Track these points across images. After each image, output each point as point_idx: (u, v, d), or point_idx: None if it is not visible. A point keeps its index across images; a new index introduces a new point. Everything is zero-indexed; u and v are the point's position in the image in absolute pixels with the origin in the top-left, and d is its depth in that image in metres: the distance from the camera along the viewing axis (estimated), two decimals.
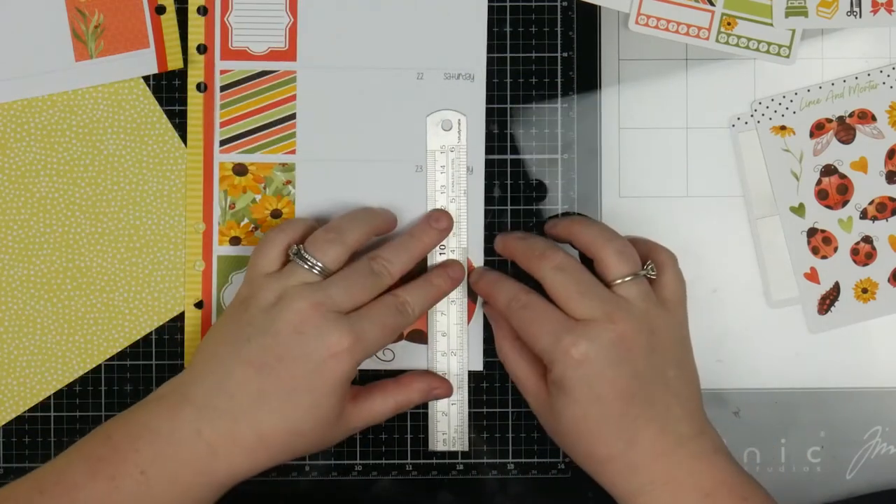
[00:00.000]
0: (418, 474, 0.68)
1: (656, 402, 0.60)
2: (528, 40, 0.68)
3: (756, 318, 0.69)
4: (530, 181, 0.68)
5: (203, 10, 0.67)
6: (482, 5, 0.68)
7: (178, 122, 0.68)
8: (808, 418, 0.69)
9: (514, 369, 0.65)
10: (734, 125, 0.69)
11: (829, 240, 0.69)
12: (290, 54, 0.68)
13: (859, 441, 0.69)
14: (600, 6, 0.68)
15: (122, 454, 0.58)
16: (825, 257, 0.69)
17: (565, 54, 0.68)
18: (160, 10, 0.67)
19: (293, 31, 0.68)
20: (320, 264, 0.61)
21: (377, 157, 0.68)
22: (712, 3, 0.68)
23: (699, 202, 0.69)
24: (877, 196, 0.69)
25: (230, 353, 0.60)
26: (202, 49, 0.68)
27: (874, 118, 0.68)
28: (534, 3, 0.68)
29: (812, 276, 0.69)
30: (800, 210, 0.69)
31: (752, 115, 0.69)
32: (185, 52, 0.67)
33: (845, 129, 0.68)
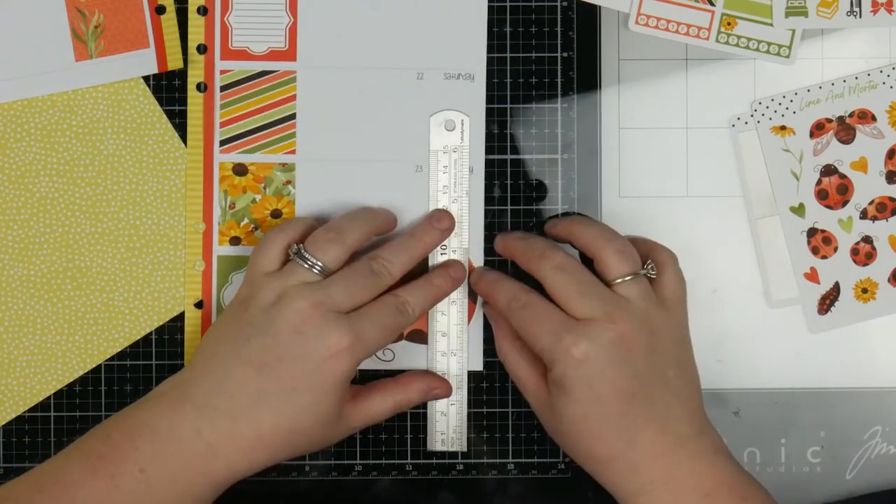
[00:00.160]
0: (418, 474, 0.68)
1: (656, 402, 0.60)
2: (528, 40, 0.68)
3: (756, 318, 0.69)
4: (530, 181, 0.68)
5: (203, 10, 0.67)
6: (482, 5, 0.68)
7: (178, 122, 0.68)
8: (808, 418, 0.69)
9: (515, 369, 0.65)
10: (734, 125, 0.69)
11: (829, 240, 0.69)
12: (290, 54, 0.68)
13: (859, 441, 0.69)
14: (600, 6, 0.68)
15: (122, 452, 0.58)
16: (825, 257, 0.69)
17: (565, 54, 0.68)
18: (160, 10, 0.67)
19: (293, 31, 0.68)
20: (320, 264, 0.61)
21: (377, 157, 0.68)
22: (712, 3, 0.68)
23: (699, 202, 0.69)
24: (877, 196, 0.69)
25: (230, 353, 0.60)
26: (202, 49, 0.67)
27: (874, 118, 0.68)
28: (534, 3, 0.68)
29: (812, 276, 0.69)
30: (800, 210, 0.69)
31: (752, 115, 0.69)
32: (185, 52, 0.67)
33: (845, 129, 0.68)
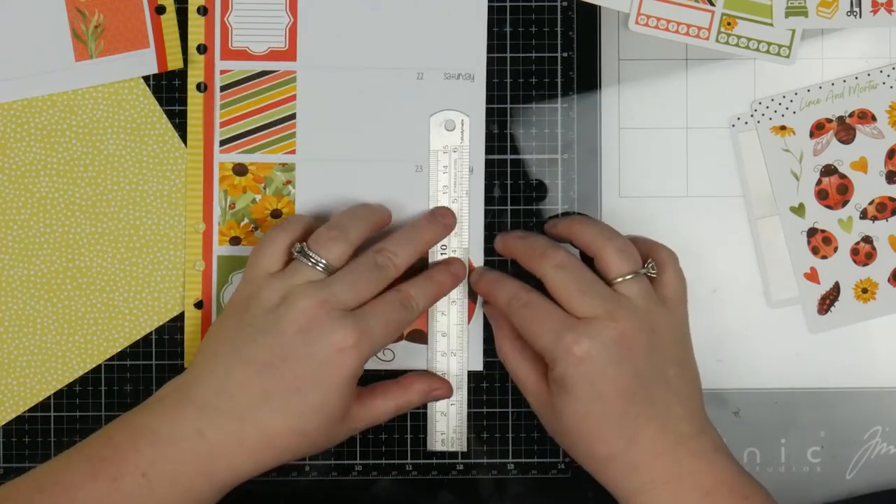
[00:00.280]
0: (418, 474, 0.68)
1: (657, 401, 0.60)
2: (528, 40, 0.68)
3: (756, 318, 0.69)
4: (530, 181, 0.68)
5: (203, 10, 0.67)
6: (482, 5, 0.68)
7: (178, 122, 0.68)
8: (808, 418, 0.69)
9: (515, 369, 0.65)
10: (734, 125, 0.69)
11: (829, 240, 0.69)
12: (290, 54, 0.68)
13: (859, 441, 0.69)
14: (600, 6, 0.68)
15: (123, 455, 0.58)
16: (825, 257, 0.69)
17: (565, 54, 0.68)
18: (160, 10, 0.67)
19: (293, 31, 0.68)
20: (324, 262, 0.61)
21: (377, 157, 0.68)
22: (712, 3, 0.68)
23: (699, 202, 0.69)
24: (877, 196, 0.69)
25: (232, 353, 0.60)
26: (202, 49, 0.67)
27: (874, 118, 0.68)
28: (534, 3, 0.68)
29: (812, 276, 0.69)
30: (800, 210, 0.69)
31: (752, 115, 0.69)
32: (185, 52, 0.67)
33: (845, 129, 0.68)
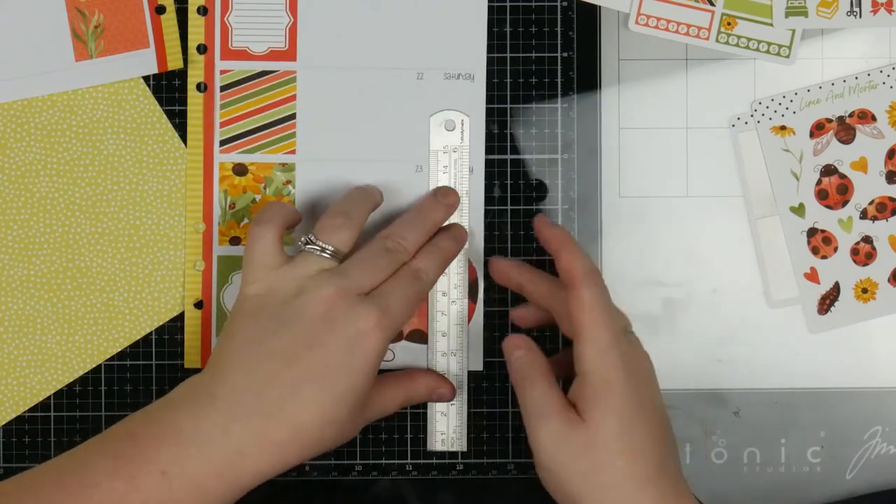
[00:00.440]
0: (418, 474, 0.68)
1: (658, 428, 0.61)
2: (528, 40, 0.68)
3: (756, 318, 0.69)
4: (530, 181, 0.68)
5: (203, 10, 0.67)
6: (482, 5, 0.68)
7: (178, 122, 0.68)
8: (808, 418, 0.69)
9: (540, 395, 0.63)
10: (734, 125, 0.69)
11: (829, 240, 0.69)
12: (290, 54, 0.68)
13: (859, 441, 0.69)
14: (600, 6, 0.68)
15: (146, 454, 0.57)
16: (825, 257, 0.69)
17: (565, 54, 0.68)
18: (160, 10, 0.67)
19: (293, 31, 0.68)
20: (332, 248, 0.61)
21: (377, 157, 0.68)
22: (712, 3, 0.68)
23: (699, 202, 0.69)
24: (877, 196, 0.69)
25: (255, 349, 0.59)
26: (202, 49, 0.67)
27: (874, 118, 0.68)
28: (534, 3, 0.68)
29: (812, 276, 0.69)
30: (800, 210, 0.69)
31: (752, 115, 0.69)
32: (185, 52, 0.67)
33: (845, 129, 0.68)
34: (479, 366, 0.68)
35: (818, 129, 0.68)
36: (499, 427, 0.68)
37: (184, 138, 0.68)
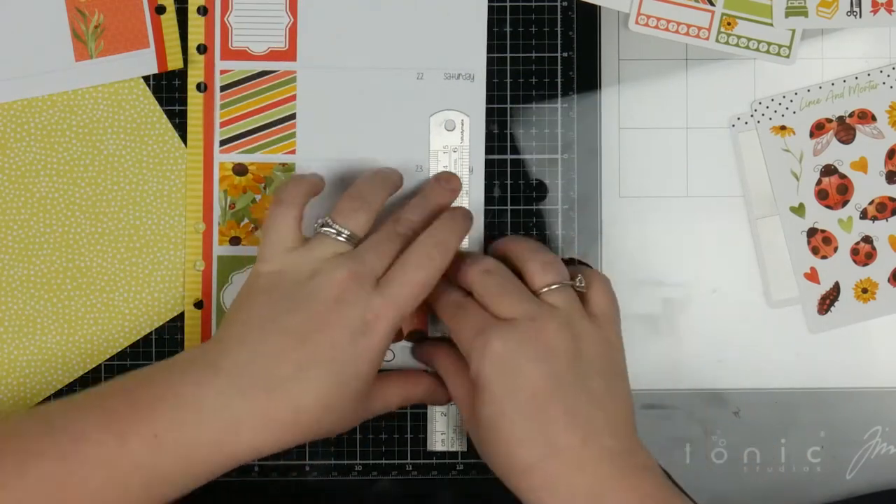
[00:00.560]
0: (418, 474, 0.68)
1: (579, 412, 0.59)
2: (528, 40, 0.68)
3: (756, 318, 0.69)
4: (530, 181, 0.68)
5: (203, 10, 0.67)
6: (482, 5, 0.68)
7: (178, 122, 0.68)
8: (808, 418, 0.69)
9: (450, 387, 0.64)
10: (734, 125, 0.69)
11: (829, 240, 0.69)
12: (290, 54, 0.68)
13: (859, 441, 0.69)
14: (600, 6, 0.68)
15: (140, 413, 0.56)
16: (825, 257, 0.69)
17: (565, 54, 0.68)
18: (160, 10, 0.67)
19: (293, 31, 0.68)
20: (348, 232, 0.61)
21: (377, 157, 0.68)
22: (712, 3, 0.68)
23: (699, 202, 0.69)
24: (877, 196, 0.69)
25: (266, 325, 0.59)
26: (202, 49, 0.68)
27: (874, 118, 0.68)
28: (534, 3, 0.68)
29: (812, 276, 0.69)
30: (800, 210, 0.69)
31: (752, 115, 0.69)
32: (185, 52, 0.67)
33: (845, 129, 0.68)
34: None
35: (818, 129, 0.68)
36: None
37: (184, 138, 0.68)
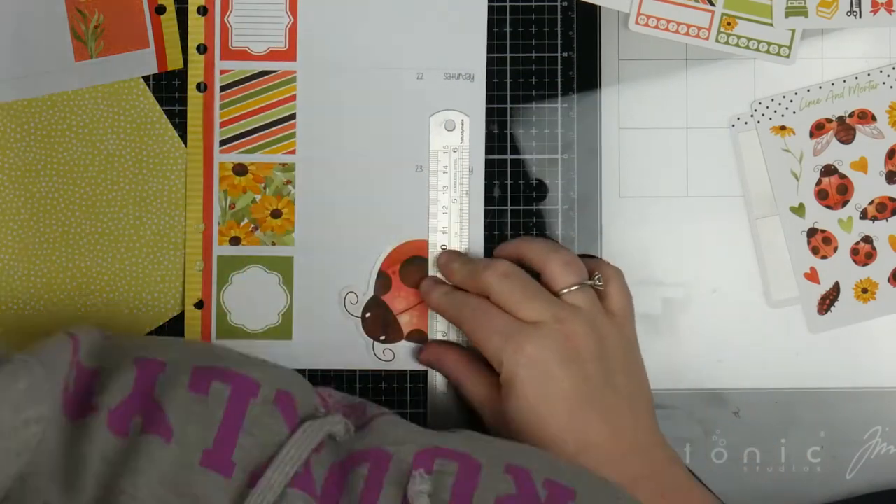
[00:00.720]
0: None
1: (608, 408, 0.60)
2: (528, 40, 0.68)
3: (756, 318, 0.69)
4: (530, 181, 0.68)
5: (203, 10, 0.67)
6: (482, 5, 0.68)
7: (178, 122, 0.68)
8: (808, 418, 0.69)
9: (470, 388, 0.64)
10: (734, 125, 0.69)
11: (829, 240, 0.69)
12: (290, 54, 0.68)
13: (859, 441, 0.69)
14: (600, 6, 0.68)
15: None
16: (825, 257, 0.69)
17: (565, 54, 0.68)
18: (160, 10, 0.67)
19: (293, 31, 0.68)
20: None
21: (377, 157, 0.68)
22: (712, 3, 0.68)
23: (699, 202, 0.69)
24: (877, 196, 0.69)
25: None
26: (202, 49, 0.68)
27: (874, 118, 0.68)
28: (534, 3, 0.68)
29: (812, 276, 0.69)
30: (800, 210, 0.69)
31: (752, 115, 0.69)
32: (185, 52, 0.67)
33: (845, 129, 0.68)
34: None
35: (818, 129, 0.68)
36: None
37: (184, 138, 0.68)
